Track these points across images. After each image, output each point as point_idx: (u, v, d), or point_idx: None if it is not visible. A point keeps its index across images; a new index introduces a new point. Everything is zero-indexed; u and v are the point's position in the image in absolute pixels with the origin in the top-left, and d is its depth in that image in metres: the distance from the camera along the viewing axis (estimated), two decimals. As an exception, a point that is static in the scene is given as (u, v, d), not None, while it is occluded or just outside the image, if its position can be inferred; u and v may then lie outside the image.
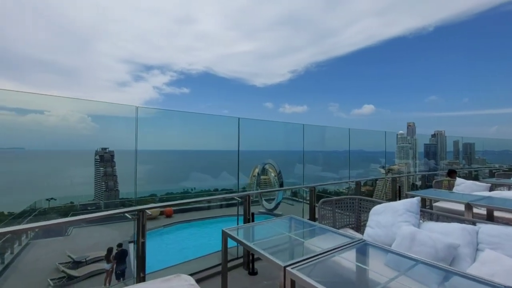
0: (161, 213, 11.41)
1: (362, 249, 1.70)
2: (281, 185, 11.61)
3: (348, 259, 1.58)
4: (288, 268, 1.35)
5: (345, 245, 1.70)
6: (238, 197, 3.05)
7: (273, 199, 12.34)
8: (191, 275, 1.59)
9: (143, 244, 2.09)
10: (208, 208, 13.37)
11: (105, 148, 21.51)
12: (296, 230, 2.34)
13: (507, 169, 9.94)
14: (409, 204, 2.42)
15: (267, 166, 21.64)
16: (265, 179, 19.73)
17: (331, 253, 1.58)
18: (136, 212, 2.10)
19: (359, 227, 3.04)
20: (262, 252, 1.60)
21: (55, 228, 9.98)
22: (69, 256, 7.15)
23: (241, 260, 3.18)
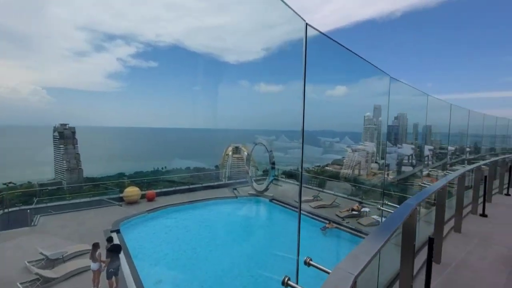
0: (142, 196, 10.32)
1: None
2: (272, 165, 11.18)
3: None
4: None
5: None
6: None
7: (263, 180, 11.93)
8: None
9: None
10: (191, 190, 12.56)
11: (65, 124, 18.65)
12: None
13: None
14: None
15: (240, 146, 21.19)
16: (238, 157, 19.33)
17: None
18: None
19: None
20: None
21: (15, 217, 8.37)
22: (41, 253, 5.98)
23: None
